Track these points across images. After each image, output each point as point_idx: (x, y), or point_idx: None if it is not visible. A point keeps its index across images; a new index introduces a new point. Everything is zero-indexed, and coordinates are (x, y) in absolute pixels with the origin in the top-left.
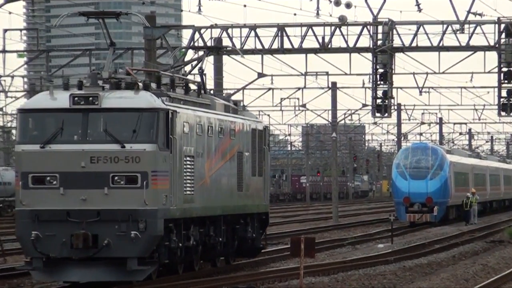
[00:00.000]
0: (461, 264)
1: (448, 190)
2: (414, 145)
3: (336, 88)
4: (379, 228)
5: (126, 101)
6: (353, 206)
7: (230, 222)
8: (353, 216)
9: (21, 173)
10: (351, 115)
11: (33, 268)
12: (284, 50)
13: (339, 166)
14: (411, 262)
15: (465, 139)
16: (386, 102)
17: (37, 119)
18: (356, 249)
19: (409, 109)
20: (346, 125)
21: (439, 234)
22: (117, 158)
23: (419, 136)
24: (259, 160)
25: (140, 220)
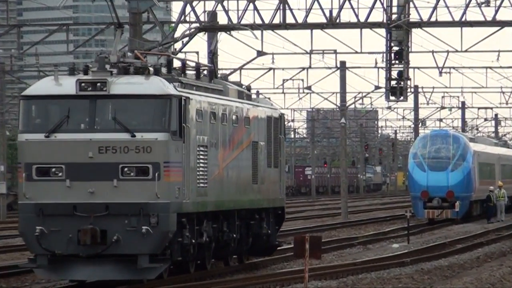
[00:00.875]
0: (486, 267)
1: (471, 183)
2: (433, 133)
3: (345, 68)
4: (393, 226)
5: (137, 87)
6: (365, 201)
7: (244, 218)
8: (364, 213)
9: (25, 164)
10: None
11: (37, 266)
12: (287, 25)
13: (349, 156)
14: (429, 264)
15: (491, 125)
16: (402, 84)
17: (41, 106)
18: (368, 250)
19: (427, 92)
20: (357, 110)
21: (462, 233)
22: (127, 148)
23: (438, 122)
24: (274, 150)
25: (151, 214)
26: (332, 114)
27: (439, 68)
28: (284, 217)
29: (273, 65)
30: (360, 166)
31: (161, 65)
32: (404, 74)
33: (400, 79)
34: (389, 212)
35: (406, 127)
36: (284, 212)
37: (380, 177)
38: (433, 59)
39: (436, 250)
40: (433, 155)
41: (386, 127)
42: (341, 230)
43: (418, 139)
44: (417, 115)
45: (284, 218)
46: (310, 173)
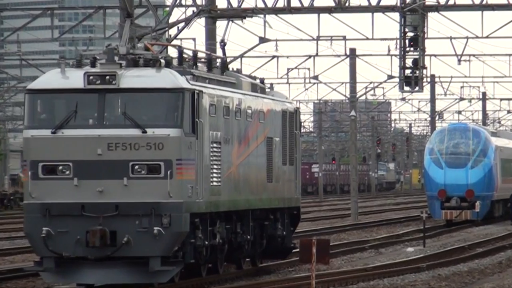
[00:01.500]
0: (510, 272)
1: (493, 181)
2: (451, 126)
3: (355, 56)
4: (408, 228)
5: (148, 80)
6: (377, 201)
7: (258, 218)
8: (376, 213)
9: (30, 161)
10: (374, 89)
11: (44, 269)
12: (292, 9)
13: (359, 152)
14: (447, 270)
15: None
16: (417, 73)
17: (48, 100)
18: (380, 254)
19: (445, 82)
20: (368, 102)
21: (482, 235)
22: (138, 144)
23: (457, 115)
24: (290, 147)
25: (163, 214)
26: (341, 106)
27: (457, 56)
28: (300, 218)
29: (277, 53)
30: (372, 163)
31: (172, 57)
32: (420, 62)
33: (415, 67)
34: (403, 213)
35: (422, 120)
36: (299, 212)
37: (394, 174)
38: (451, 46)
39: (454, 254)
40: (451, 150)
41: (400, 120)
42: (351, 233)
43: (434, 133)
44: (433, 107)
45: (300, 219)
46: (317, 170)
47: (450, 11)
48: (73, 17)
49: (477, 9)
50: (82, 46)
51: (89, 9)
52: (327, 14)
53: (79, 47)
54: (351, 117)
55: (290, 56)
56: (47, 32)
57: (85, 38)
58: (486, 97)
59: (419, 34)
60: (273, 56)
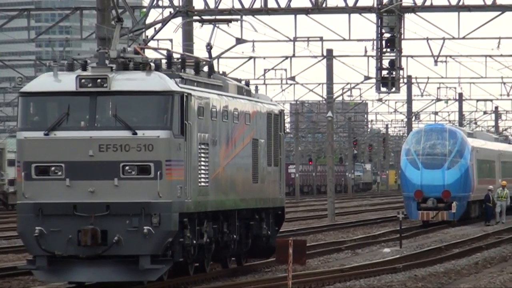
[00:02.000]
0: (486, 273)
1: (469, 182)
2: (428, 127)
3: (332, 56)
4: (384, 229)
5: (138, 83)
6: (353, 201)
7: (244, 218)
8: (353, 214)
9: (24, 162)
10: (351, 90)
11: (37, 268)
12: (269, 10)
13: (336, 153)
14: (424, 271)
15: (491, 119)
16: (394, 74)
17: (40, 103)
18: (357, 255)
19: (421, 83)
20: (345, 102)
21: (459, 236)
22: (128, 146)
23: (433, 115)
24: (274, 148)
25: (153, 214)
26: (318, 107)
27: (434, 57)
28: (284, 218)
29: (254, 54)
30: (349, 164)
31: (161, 60)
32: (396, 63)
33: (392, 68)
34: (380, 213)
35: (399, 121)
36: (284, 212)
37: (370, 175)
38: (428, 47)
39: (431, 255)
40: (428, 151)
41: (376, 121)
42: (328, 234)
43: (411, 134)
44: (410, 108)
45: (284, 219)
46: (294, 171)
47: (426, 12)
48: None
49: (454, 10)
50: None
51: (66, 10)
52: (304, 15)
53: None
54: (328, 118)
55: (267, 57)
56: (24, 33)
57: (62, 39)
58: (463, 98)
59: (395, 35)
60: (250, 57)
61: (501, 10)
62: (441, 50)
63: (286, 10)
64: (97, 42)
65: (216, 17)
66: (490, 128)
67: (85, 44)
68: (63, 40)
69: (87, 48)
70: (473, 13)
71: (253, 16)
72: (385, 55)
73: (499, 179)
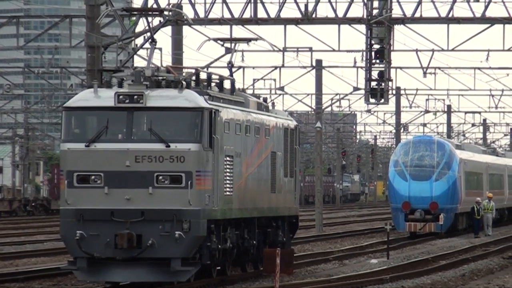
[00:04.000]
0: (473, 285)
1: (457, 194)
2: (416, 139)
3: (321, 67)
4: (372, 240)
5: (171, 100)
6: (341, 212)
7: (262, 225)
8: (340, 225)
9: (66, 171)
10: (340, 100)
11: (77, 268)
12: (258, 20)
13: (324, 163)
14: (411, 282)
15: (479, 131)
16: (383, 85)
17: (82, 117)
18: (344, 265)
19: (410, 94)
20: (333, 113)
21: (446, 248)
22: (162, 157)
23: (422, 127)
24: (290, 161)
25: (184, 220)
26: (307, 118)
27: (423, 69)
28: (298, 225)
29: (243, 63)
30: (337, 174)
31: (191, 79)
32: (386, 74)
33: (381, 80)
34: (368, 224)
35: (387, 132)
36: (298, 220)
37: (358, 186)
38: (417, 58)
39: (418, 266)
40: (416, 163)
41: (365, 132)
42: (315, 244)
43: (399, 145)
44: (399, 120)
45: (298, 226)
46: None
47: (416, 24)
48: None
49: (443, 22)
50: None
51: (55, 18)
52: (294, 25)
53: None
54: (317, 128)
55: (256, 67)
56: (13, 40)
57: (51, 46)
58: (451, 110)
59: (385, 46)
60: (239, 67)
61: (490, 22)
62: (430, 62)
63: (275, 20)
64: (86, 50)
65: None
66: (478, 140)
67: (74, 52)
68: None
69: (76, 56)
70: (462, 25)
71: (242, 25)
72: (374, 66)
73: (487, 191)
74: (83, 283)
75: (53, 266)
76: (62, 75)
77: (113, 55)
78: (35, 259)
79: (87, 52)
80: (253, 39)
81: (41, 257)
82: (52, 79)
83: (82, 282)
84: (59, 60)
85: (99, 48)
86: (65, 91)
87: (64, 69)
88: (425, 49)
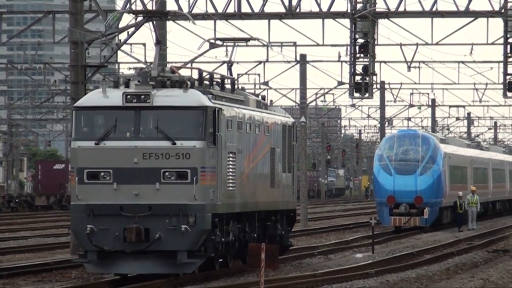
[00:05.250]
0: (457, 279)
1: (441, 188)
2: (401, 133)
3: (305, 62)
4: (357, 234)
5: (177, 99)
6: (326, 207)
7: (262, 219)
8: (325, 220)
9: (77, 168)
10: (324, 95)
11: (88, 261)
12: (242, 15)
13: (309, 158)
14: (396, 276)
15: (463, 125)
16: (367, 79)
17: (91, 116)
18: (329, 260)
19: (394, 89)
20: (318, 108)
21: (430, 242)
22: (168, 154)
23: (406, 121)
24: (288, 157)
25: (190, 214)
26: (291, 112)
27: (407, 63)
28: (295, 219)
29: (227, 58)
30: (322, 169)
31: (195, 79)
32: (370, 68)
33: (365, 74)
34: (353, 219)
35: (372, 126)
36: (295, 214)
37: (343, 181)
38: (401, 52)
39: (403, 260)
40: (401, 157)
41: (349, 126)
42: (300, 239)
43: (384, 139)
44: (383, 114)
45: (296, 220)
46: None
47: (400, 18)
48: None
49: (427, 16)
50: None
51: (38, 14)
52: (278, 20)
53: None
54: (301, 123)
55: (241, 62)
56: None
57: (34, 42)
58: (436, 104)
59: (369, 40)
60: (223, 62)
61: (474, 16)
62: (414, 56)
63: (259, 15)
64: (69, 46)
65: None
66: (463, 134)
67: (57, 47)
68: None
69: (60, 52)
70: (446, 19)
71: (226, 20)
72: (359, 61)
73: (471, 185)
74: (67, 279)
75: (37, 262)
76: (46, 71)
77: (97, 51)
78: (19, 255)
79: (70, 48)
80: (252, 39)
81: (25, 253)
82: (36, 75)
83: (66, 278)
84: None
85: (83, 44)
86: (49, 87)
87: (48, 65)
88: (409, 43)
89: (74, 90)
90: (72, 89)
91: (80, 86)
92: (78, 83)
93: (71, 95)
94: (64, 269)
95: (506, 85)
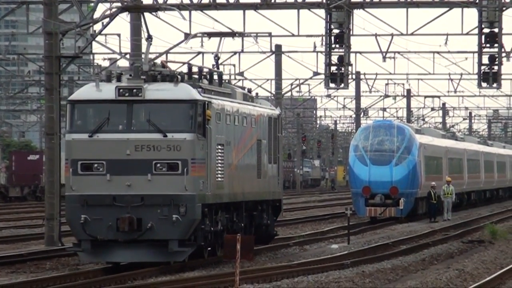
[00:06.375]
0: (432, 269)
1: (417, 178)
2: (376, 123)
3: (281, 52)
4: (332, 225)
5: (168, 93)
6: (301, 197)
7: (249, 209)
8: (301, 210)
9: (71, 160)
10: (300, 85)
11: (82, 250)
12: (217, 6)
13: (285, 149)
14: (371, 267)
15: (438, 115)
16: (342, 70)
17: (85, 109)
18: (305, 251)
19: (370, 79)
20: (293, 98)
21: (406, 233)
22: (160, 146)
23: (382, 112)
24: (274, 148)
25: (180, 204)
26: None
27: (382, 53)
28: (281, 209)
29: (202, 49)
30: (297, 160)
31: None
32: (345, 59)
33: (340, 64)
34: (328, 210)
35: (347, 117)
36: (281, 204)
37: (319, 171)
38: (377, 43)
39: (378, 251)
40: (376, 147)
41: (325, 117)
42: (276, 230)
43: (359, 130)
44: (358, 104)
45: (281, 210)
46: None
47: (375, 8)
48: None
49: (402, 6)
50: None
51: (12, 4)
52: (253, 10)
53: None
54: None
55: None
56: None
57: (8, 33)
58: (411, 94)
59: (344, 31)
60: (198, 52)
61: (449, 6)
62: (389, 47)
63: (235, 5)
64: (44, 37)
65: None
66: (438, 125)
67: (31, 38)
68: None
69: (34, 42)
70: (421, 9)
71: (201, 11)
72: (334, 51)
73: (446, 176)
74: (42, 270)
75: (11, 253)
76: (20, 62)
77: (71, 42)
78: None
79: (44, 38)
80: (238, 33)
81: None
82: (9, 66)
83: (41, 269)
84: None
85: (57, 35)
86: (23, 77)
87: (21, 56)
88: (384, 33)
89: (48, 81)
90: (46, 80)
91: (54, 76)
92: (52, 74)
93: (45, 86)
94: (38, 260)
95: (481, 75)
